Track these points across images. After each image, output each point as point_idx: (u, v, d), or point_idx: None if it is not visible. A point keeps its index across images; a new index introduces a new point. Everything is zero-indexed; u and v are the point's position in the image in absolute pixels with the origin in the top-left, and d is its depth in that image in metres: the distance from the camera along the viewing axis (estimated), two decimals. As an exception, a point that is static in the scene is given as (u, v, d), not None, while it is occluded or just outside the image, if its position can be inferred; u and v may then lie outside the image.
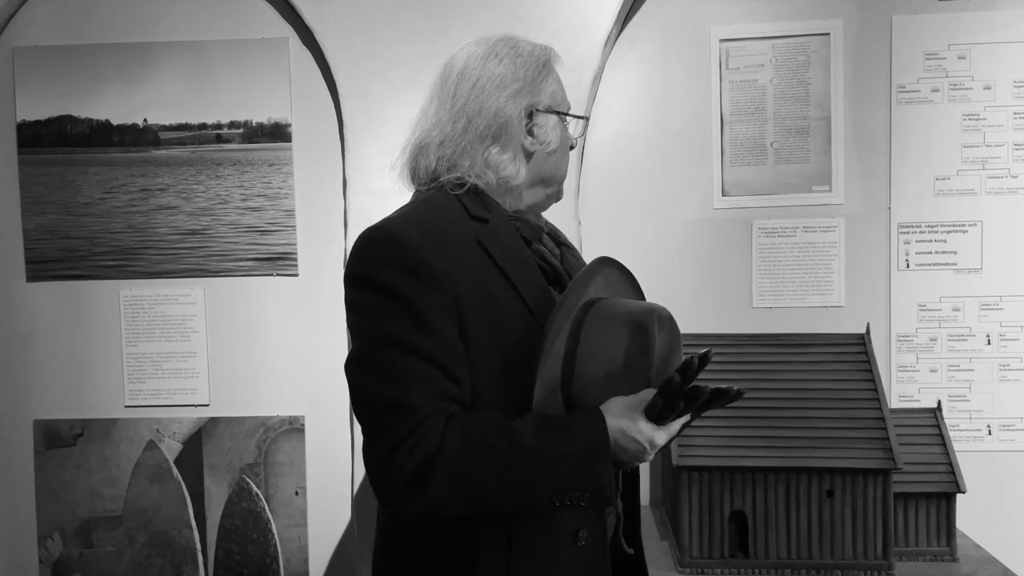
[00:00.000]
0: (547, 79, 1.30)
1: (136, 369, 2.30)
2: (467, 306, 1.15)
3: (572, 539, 1.21)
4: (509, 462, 1.10)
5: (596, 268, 1.24)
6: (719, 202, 2.26)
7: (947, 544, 1.81)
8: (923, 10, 2.21)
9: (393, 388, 1.11)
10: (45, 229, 2.31)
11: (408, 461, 1.09)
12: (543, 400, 1.15)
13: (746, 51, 2.24)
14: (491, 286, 1.18)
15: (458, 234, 1.19)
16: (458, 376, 1.14)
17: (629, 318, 1.15)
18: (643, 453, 1.12)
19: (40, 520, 2.34)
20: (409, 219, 1.20)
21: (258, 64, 2.25)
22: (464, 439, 1.10)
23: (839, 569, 1.72)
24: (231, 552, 2.30)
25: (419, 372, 1.12)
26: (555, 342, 1.15)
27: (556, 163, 1.33)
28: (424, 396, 1.11)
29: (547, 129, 1.29)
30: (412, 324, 1.12)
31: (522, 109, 1.26)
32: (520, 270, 1.22)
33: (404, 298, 1.13)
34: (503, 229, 1.24)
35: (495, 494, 1.11)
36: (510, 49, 1.28)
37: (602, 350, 1.15)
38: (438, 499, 1.10)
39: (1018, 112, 2.20)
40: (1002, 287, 2.21)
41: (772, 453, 1.72)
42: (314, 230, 2.29)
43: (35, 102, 2.29)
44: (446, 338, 1.13)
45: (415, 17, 2.12)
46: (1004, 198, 2.21)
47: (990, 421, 2.22)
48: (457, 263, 1.16)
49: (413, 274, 1.13)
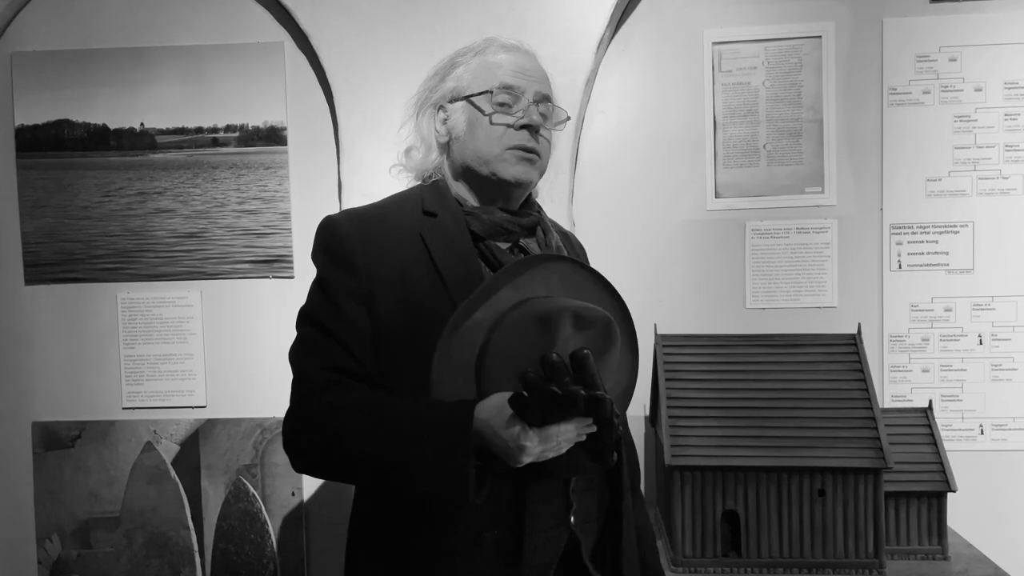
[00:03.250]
0: (456, 70, 1.37)
1: (133, 371, 2.32)
2: (383, 293, 1.24)
3: (474, 539, 1.20)
4: (369, 435, 1.15)
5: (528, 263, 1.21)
6: (712, 204, 2.27)
7: (938, 543, 1.82)
8: (914, 12, 2.22)
9: (301, 359, 1.25)
10: (43, 232, 2.33)
11: (293, 422, 1.23)
12: (444, 386, 1.14)
13: (739, 54, 2.26)
14: (418, 277, 1.25)
15: (402, 226, 1.29)
16: (357, 353, 1.22)
17: (541, 313, 1.10)
18: (511, 453, 1.07)
19: (38, 521, 2.35)
20: (360, 211, 1.35)
21: (254, 68, 2.26)
22: (340, 409, 1.18)
23: (831, 568, 1.73)
24: (228, 553, 2.31)
25: (321, 346, 1.24)
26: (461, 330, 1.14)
27: (466, 147, 1.34)
28: (319, 368, 1.22)
29: (455, 117, 1.36)
30: (324, 302, 1.26)
31: (430, 107, 1.39)
32: (453, 264, 1.26)
33: (323, 281, 1.28)
34: (450, 224, 1.30)
35: (356, 464, 1.18)
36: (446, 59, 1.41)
37: (509, 343, 1.11)
38: (312, 461, 1.22)
39: (1009, 114, 2.21)
40: (994, 287, 2.23)
41: (764, 453, 1.73)
42: (310, 233, 2.25)
43: (33, 106, 2.30)
44: (350, 318, 1.23)
45: (409, 21, 2.14)
46: (995, 199, 2.22)
47: (982, 421, 2.24)
48: (384, 252, 1.26)
49: (332, 257, 1.27)
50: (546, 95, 1.36)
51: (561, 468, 1.14)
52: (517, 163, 1.32)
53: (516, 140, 1.31)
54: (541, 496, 1.23)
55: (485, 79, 1.33)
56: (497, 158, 1.31)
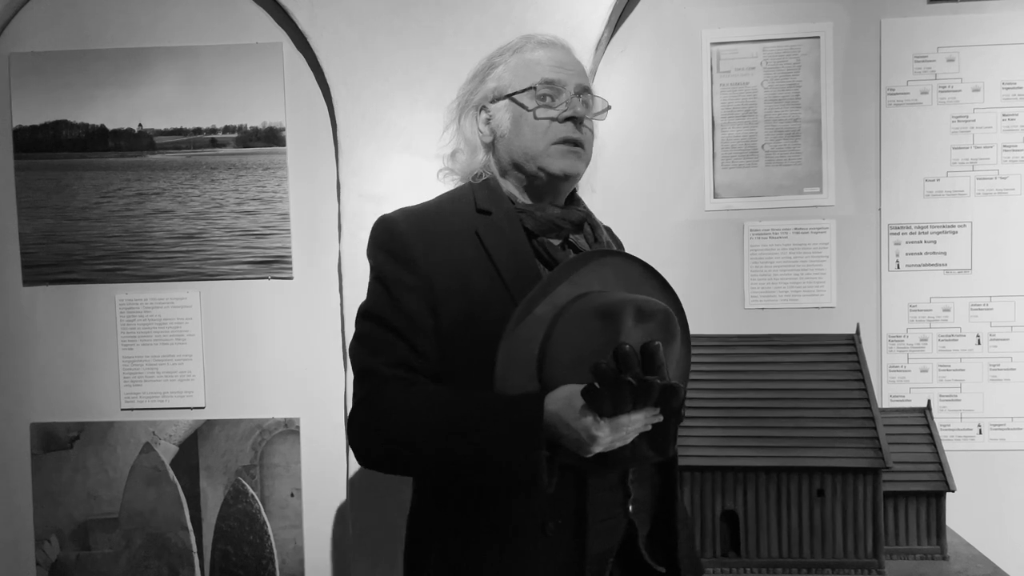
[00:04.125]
0: (495, 70, 1.39)
1: (132, 372, 2.31)
2: (444, 289, 1.25)
3: (540, 529, 1.23)
4: (440, 429, 1.17)
5: (585, 258, 1.24)
6: (711, 204, 2.28)
7: (937, 542, 1.82)
8: (912, 13, 2.23)
9: (365, 355, 1.27)
10: (41, 233, 2.33)
11: (359, 418, 1.24)
12: (508, 380, 1.17)
13: (737, 54, 2.26)
14: (477, 274, 1.27)
15: (458, 223, 1.31)
16: (421, 348, 1.25)
17: (604, 308, 1.13)
18: (582, 444, 1.09)
19: (37, 523, 2.34)
20: (416, 209, 1.35)
21: (252, 69, 2.26)
22: (406, 404, 1.21)
23: (830, 567, 1.73)
24: (227, 554, 2.31)
25: (385, 342, 1.25)
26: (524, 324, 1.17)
27: (512, 144, 1.36)
28: (385, 363, 1.24)
29: (498, 116, 1.37)
30: (386, 299, 1.27)
31: (472, 107, 1.40)
32: (510, 259, 1.29)
33: (383, 277, 1.29)
34: (504, 221, 1.32)
35: (427, 458, 1.19)
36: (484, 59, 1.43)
37: (572, 337, 1.14)
38: (380, 457, 1.24)
39: (1007, 114, 2.22)
40: (992, 287, 2.23)
41: (763, 453, 1.73)
42: (308, 233, 2.30)
43: (31, 107, 2.30)
44: (413, 314, 1.25)
45: (408, 21, 2.14)
46: (993, 199, 2.23)
47: (981, 420, 2.24)
48: (443, 249, 1.27)
49: (392, 255, 1.28)
50: (586, 87, 1.38)
51: (625, 458, 1.16)
52: (563, 156, 1.34)
53: (561, 133, 1.33)
54: (602, 486, 1.26)
55: (526, 76, 1.35)
56: (543, 153, 1.33)
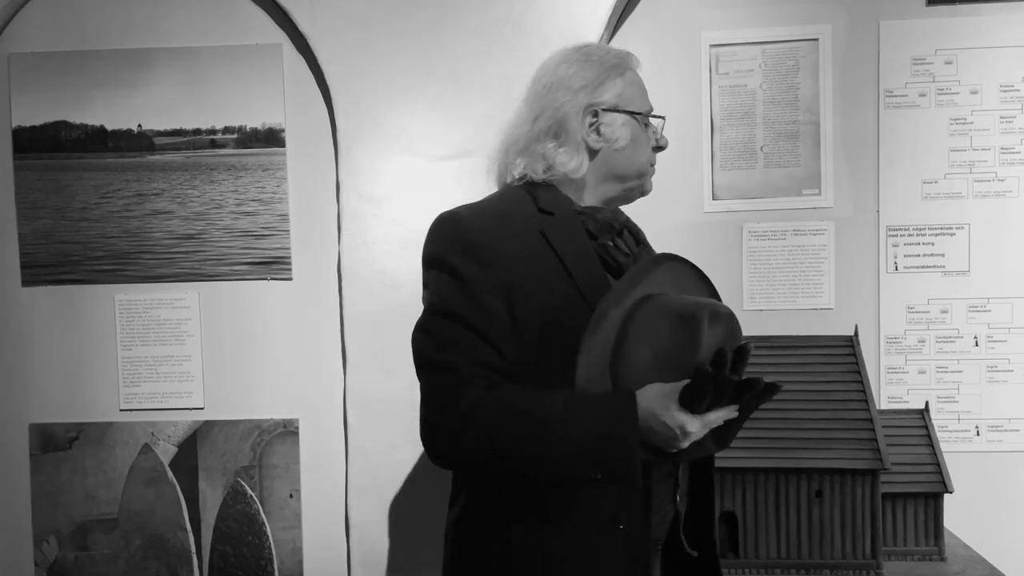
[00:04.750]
0: (614, 80, 1.38)
1: (131, 373, 2.31)
2: (520, 288, 1.25)
3: (611, 521, 1.27)
4: (534, 429, 1.18)
5: (656, 262, 1.30)
6: (709, 205, 2.28)
7: (935, 543, 1.83)
8: (910, 15, 2.23)
9: (443, 353, 1.24)
10: (41, 234, 2.33)
11: (447, 418, 1.21)
12: (587, 380, 1.20)
13: (736, 56, 2.26)
14: (548, 273, 1.28)
15: (522, 224, 1.31)
16: (501, 348, 1.24)
17: (681, 311, 1.19)
18: (674, 439, 1.15)
19: (36, 523, 2.34)
20: (478, 207, 1.34)
21: (252, 70, 2.26)
22: (498, 403, 1.20)
23: (828, 568, 1.73)
24: (226, 554, 2.31)
25: (465, 340, 1.24)
26: (603, 326, 1.20)
27: (628, 159, 1.40)
28: (467, 362, 1.23)
29: (615, 127, 1.38)
30: (465, 298, 1.25)
31: (582, 108, 1.36)
32: (578, 260, 1.31)
33: (460, 275, 1.26)
34: (568, 222, 1.34)
35: (519, 458, 1.20)
36: (581, 55, 1.40)
37: (651, 339, 1.19)
38: (469, 457, 1.21)
39: (1004, 116, 2.22)
40: (989, 289, 2.24)
41: (762, 454, 1.73)
42: (308, 234, 2.30)
43: (30, 108, 2.30)
44: (493, 313, 1.24)
45: (408, 23, 2.14)
46: (991, 201, 2.23)
47: (978, 422, 2.25)
48: (515, 249, 1.27)
49: (468, 253, 1.26)
50: None
51: (690, 451, 1.21)
52: (651, 178, 1.47)
53: (653, 159, 1.46)
54: (659, 478, 1.32)
55: (642, 99, 1.43)
56: (647, 173, 1.45)
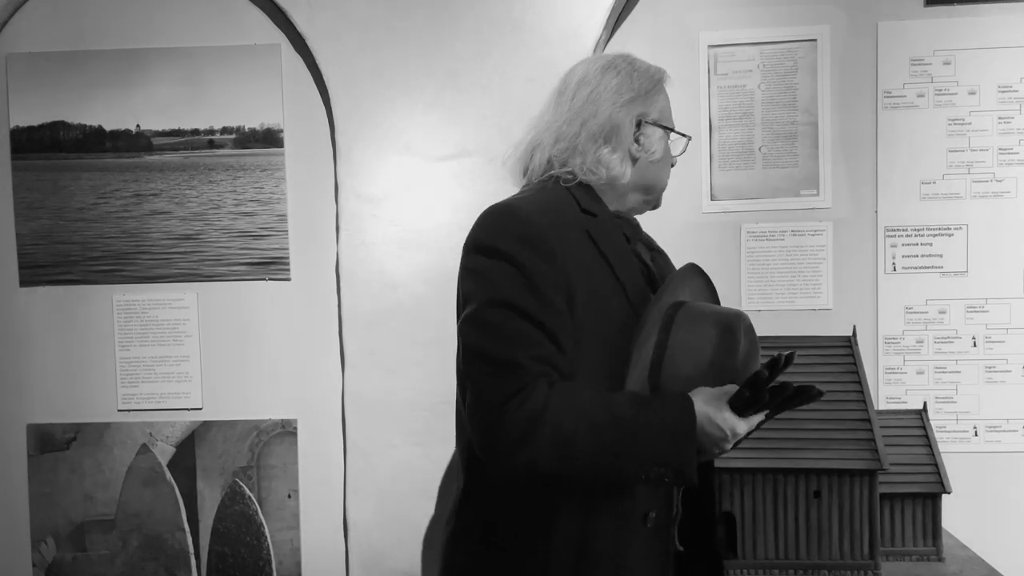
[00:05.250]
0: (658, 95, 1.42)
1: (129, 373, 2.31)
2: (576, 285, 1.25)
3: (643, 520, 1.31)
4: (605, 429, 1.19)
5: (690, 272, 1.38)
6: (708, 206, 2.28)
7: (933, 544, 1.83)
8: (909, 16, 2.23)
9: (504, 347, 1.20)
10: (39, 234, 2.32)
11: (515, 416, 1.17)
12: (635, 383, 1.25)
13: (734, 57, 2.27)
14: (597, 272, 1.29)
15: (569, 221, 1.31)
16: (563, 345, 1.23)
17: (719, 319, 1.26)
18: (724, 440, 1.20)
19: (33, 524, 2.34)
20: (531, 201, 1.32)
21: (250, 70, 2.26)
22: (567, 402, 1.19)
23: (826, 569, 1.73)
24: (224, 555, 2.31)
25: (529, 335, 1.21)
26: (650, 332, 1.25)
27: (657, 172, 1.45)
28: (532, 358, 1.20)
29: (653, 140, 1.41)
30: (527, 291, 1.21)
31: (633, 117, 1.38)
32: (622, 263, 1.34)
33: (521, 266, 1.22)
34: (609, 224, 1.37)
35: (589, 458, 1.19)
36: (627, 64, 1.41)
37: (692, 346, 1.24)
38: (537, 457, 1.18)
39: (1003, 117, 2.22)
40: (987, 290, 2.24)
41: (760, 454, 1.73)
42: (306, 235, 2.30)
43: (28, 108, 2.30)
44: (556, 308, 1.22)
45: (406, 23, 2.14)
46: (989, 201, 2.23)
47: (976, 422, 2.25)
48: (569, 245, 1.27)
49: (531, 246, 1.23)
50: None
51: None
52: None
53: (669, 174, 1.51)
54: None
55: (670, 117, 1.47)
56: (664, 188, 1.50)
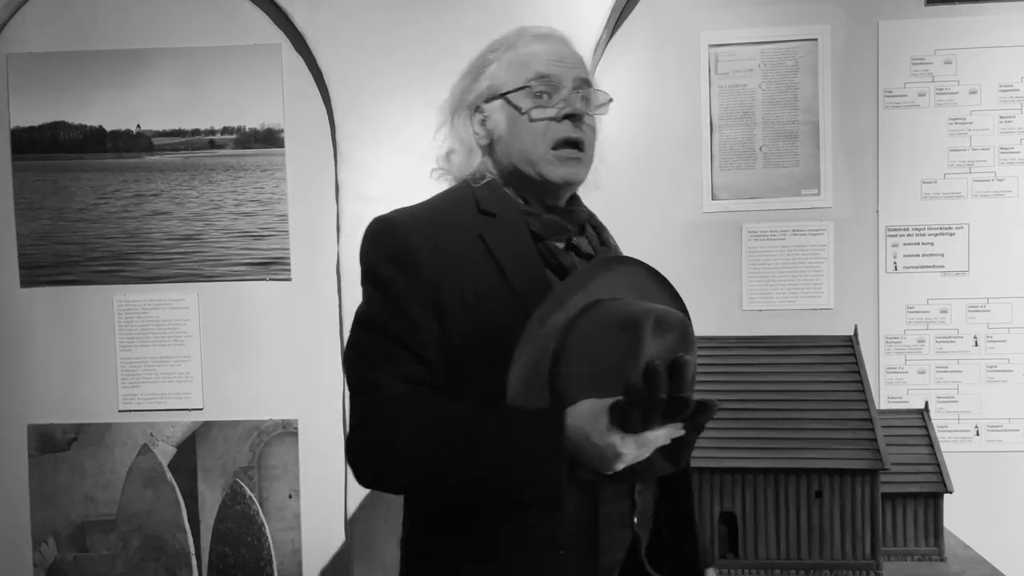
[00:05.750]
0: (490, 68, 1.31)
1: (130, 374, 2.31)
2: (450, 295, 1.18)
3: (551, 546, 1.18)
4: (460, 447, 1.12)
5: (604, 265, 1.19)
6: (709, 205, 2.28)
7: (935, 544, 1.82)
8: (909, 15, 2.23)
9: (364, 367, 1.19)
10: (39, 235, 2.32)
11: (371, 437, 1.16)
12: (522, 394, 1.11)
13: (735, 56, 2.26)
14: (484, 278, 1.20)
15: (461, 226, 1.23)
16: (429, 361, 1.18)
17: (622, 316, 1.08)
18: (606, 461, 1.03)
19: (34, 524, 2.34)
20: (415, 210, 1.27)
21: (251, 70, 2.26)
22: (420, 420, 1.14)
23: (828, 569, 1.73)
24: (225, 555, 2.31)
25: (387, 353, 1.18)
26: (538, 335, 1.12)
27: (505, 149, 1.28)
28: (388, 376, 1.17)
29: (494, 117, 1.29)
30: (388, 309, 1.19)
31: (466, 108, 1.31)
32: (518, 264, 1.22)
33: (383, 285, 1.20)
34: (510, 225, 1.25)
35: (445, 478, 1.14)
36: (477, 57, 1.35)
37: (589, 348, 1.08)
38: (395, 476, 1.17)
39: (1004, 116, 2.22)
40: (989, 289, 2.24)
41: (761, 454, 1.73)
42: (307, 235, 2.30)
43: (29, 108, 2.30)
44: (418, 324, 1.17)
45: (406, 22, 2.14)
46: (990, 201, 2.23)
47: (978, 422, 2.24)
48: (449, 253, 1.20)
49: (396, 262, 1.19)
50: (585, 79, 1.30)
51: (640, 472, 1.11)
52: (564, 163, 1.27)
53: (560, 133, 1.26)
54: (611, 499, 1.22)
55: (520, 73, 1.27)
56: (543, 159, 1.26)
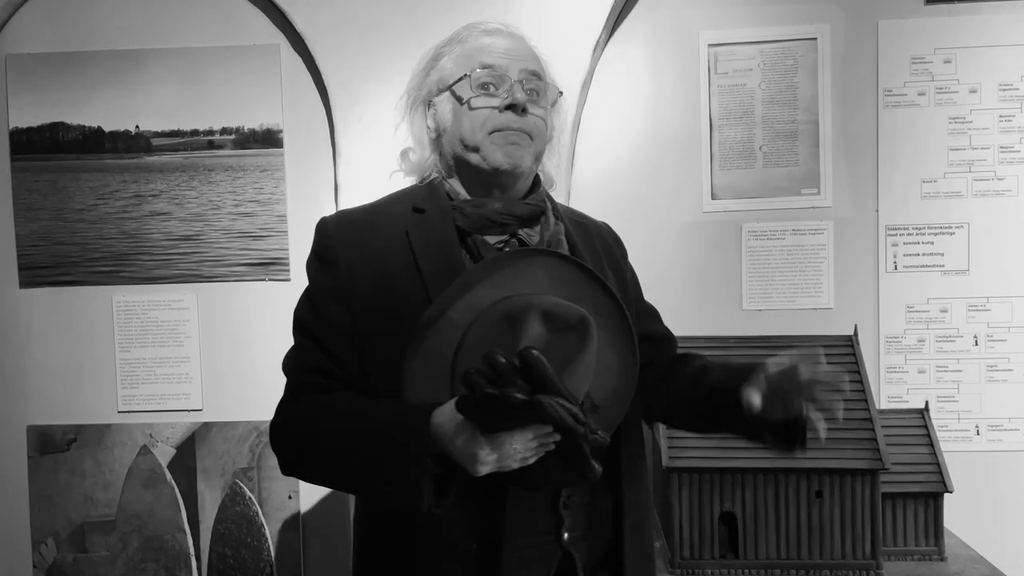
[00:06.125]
0: (438, 63, 1.34)
1: (129, 374, 2.31)
2: (363, 292, 1.21)
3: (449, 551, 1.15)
4: (336, 438, 1.14)
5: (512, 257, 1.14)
6: (708, 205, 2.28)
7: (935, 543, 1.83)
8: (909, 14, 2.23)
9: (286, 360, 1.28)
10: (38, 235, 2.32)
11: (272, 425, 1.23)
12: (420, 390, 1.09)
13: (734, 56, 2.26)
14: (401, 275, 1.21)
15: (390, 224, 1.26)
16: (336, 354, 1.21)
17: (509, 312, 1.04)
18: (465, 461, 0.99)
19: (34, 525, 2.34)
20: (349, 210, 1.34)
21: (250, 70, 2.26)
22: (309, 410, 1.19)
23: (828, 569, 1.73)
24: (225, 556, 2.30)
25: (304, 348, 1.25)
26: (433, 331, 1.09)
27: (450, 140, 1.28)
28: (299, 369, 1.24)
29: (441, 109, 1.30)
30: (309, 307, 1.26)
31: (417, 103, 1.35)
32: (433, 259, 1.20)
33: (309, 283, 1.29)
34: (436, 220, 1.25)
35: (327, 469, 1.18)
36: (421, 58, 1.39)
37: (479, 342, 1.03)
38: (288, 460, 1.22)
39: (1004, 115, 2.22)
40: (989, 288, 2.23)
41: (761, 454, 1.72)
42: (306, 235, 2.25)
43: (27, 109, 2.29)
44: (330, 320, 1.22)
45: (406, 23, 2.14)
46: (990, 200, 2.23)
47: (978, 421, 2.24)
48: (368, 251, 1.23)
49: (320, 259, 1.27)
50: (534, 71, 1.28)
51: (537, 480, 1.05)
52: (503, 146, 1.23)
53: (500, 122, 1.23)
54: (525, 509, 1.15)
55: (466, 65, 1.27)
56: (481, 143, 1.23)
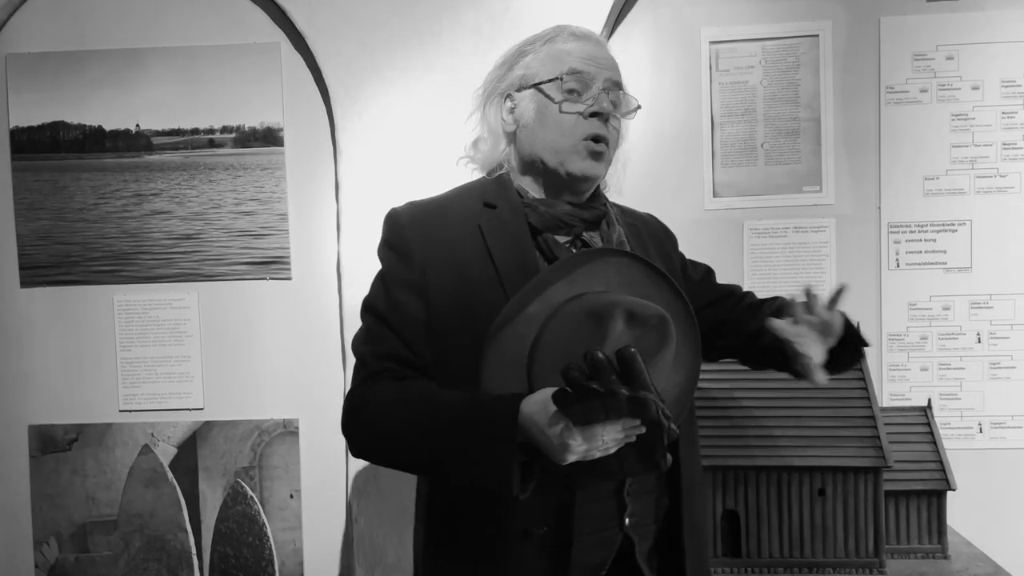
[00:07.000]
0: (526, 58, 1.35)
1: (130, 374, 2.31)
2: (437, 283, 1.25)
3: (522, 535, 1.21)
4: (417, 425, 1.17)
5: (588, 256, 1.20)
6: (710, 203, 2.27)
7: (938, 541, 1.82)
8: (911, 11, 2.22)
9: (359, 346, 1.29)
10: (39, 235, 2.32)
11: (348, 408, 1.26)
12: (496, 381, 1.14)
13: (736, 53, 2.26)
14: (474, 268, 1.26)
15: (462, 217, 1.30)
16: (411, 342, 1.25)
17: (593, 309, 1.09)
18: (554, 451, 1.04)
19: (36, 525, 2.34)
20: (420, 202, 1.35)
21: (250, 69, 2.25)
22: (390, 395, 1.22)
23: (831, 567, 1.73)
24: (226, 556, 2.30)
25: (377, 334, 1.27)
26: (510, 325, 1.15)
27: (530, 137, 1.32)
28: (375, 355, 1.26)
29: (523, 105, 1.33)
30: (382, 293, 1.29)
31: (498, 96, 1.36)
32: (508, 256, 1.26)
33: (382, 270, 1.31)
34: (509, 217, 1.30)
35: (405, 453, 1.22)
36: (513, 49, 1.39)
37: (560, 339, 1.09)
38: (363, 446, 1.27)
39: (1006, 112, 2.21)
40: (991, 286, 2.23)
41: (764, 452, 1.73)
42: (307, 234, 2.29)
43: (28, 108, 2.29)
44: (405, 307, 1.26)
45: (406, 21, 2.13)
46: (993, 197, 2.22)
47: (981, 419, 2.24)
48: (442, 243, 1.27)
49: (393, 249, 1.30)
50: (617, 82, 1.33)
51: (612, 469, 1.10)
52: (586, 158, 1.29)
53: (588, 129, 1.28)
54: (593, 496, 1.23)
55: (554, 66, 1.30)
56: (569, 150, 1.29)
